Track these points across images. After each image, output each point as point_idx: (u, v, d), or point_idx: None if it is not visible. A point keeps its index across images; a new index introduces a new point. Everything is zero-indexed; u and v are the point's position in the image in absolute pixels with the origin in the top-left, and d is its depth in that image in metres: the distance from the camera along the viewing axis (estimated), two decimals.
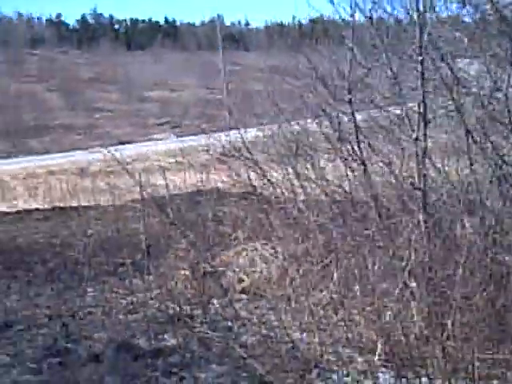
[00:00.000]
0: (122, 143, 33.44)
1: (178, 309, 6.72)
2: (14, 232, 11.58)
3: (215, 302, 6.83)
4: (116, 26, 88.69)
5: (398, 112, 6.72)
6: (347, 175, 7.26)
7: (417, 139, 5.97)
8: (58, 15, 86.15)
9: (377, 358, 5.07)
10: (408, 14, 6.52)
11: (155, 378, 5.34)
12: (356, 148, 6.81)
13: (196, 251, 7.61)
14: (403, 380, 4.70)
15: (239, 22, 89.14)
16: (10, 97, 49.28)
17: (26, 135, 40.20)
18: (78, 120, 45.88)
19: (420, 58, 5.89)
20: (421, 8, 6.05)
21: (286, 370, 4.96)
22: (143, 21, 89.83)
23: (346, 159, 7.15)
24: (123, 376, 5.40)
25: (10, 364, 5.83)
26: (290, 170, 8.38)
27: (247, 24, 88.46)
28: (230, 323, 6.36)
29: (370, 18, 6.59)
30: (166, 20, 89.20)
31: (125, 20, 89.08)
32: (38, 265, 9.16)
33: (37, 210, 14.24)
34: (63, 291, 7.98)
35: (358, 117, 7.13)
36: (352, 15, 6.94)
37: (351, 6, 6.75)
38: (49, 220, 12.51)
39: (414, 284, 5.13)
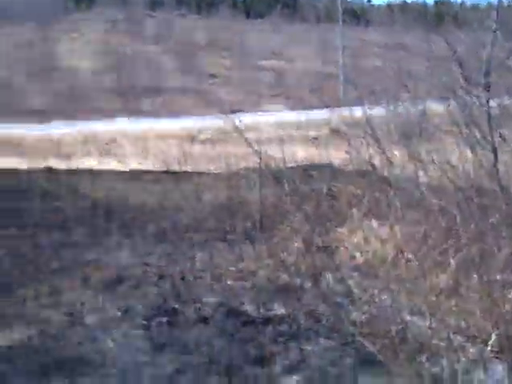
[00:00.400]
0: (234, 111, 33.85)
1: (288, 279, 6.91)
2: (126, 191, 12.01)
3: (328, 276, 6.94)
4: None
5: None
6: (473, 161, 7.24)
7: None
8: None
9: (489, 348, 5.09)
10: None
11: (263, 345, 5.52)
12: (487, 135, 6.76)
13: (310, 225, 7.77)
14: None
15: None
16: (127, 57, 50.54)
17: (139, 96, 41.19)
18: (191, 84, 46.58)
19: None
20: None
21: (396, 351, 5.05)
22: None
23: (473, 145, 7.13)
24: (231, 340, 5.61)
25: (121, 319, 6.13)
26: (412, 151, 8.39)
27: (369, 0, 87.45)
28: (340, 299, 6.49)
29: None
30: None
31: None
32: (149, 225, 9.51)
33: (149, 171, 14.70)
34: (173, 253, 8.27)
35: (492, 102, 7.08)
36: None
37: None
38: (160, 183, 12.87)
39: None
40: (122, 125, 26.73)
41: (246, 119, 28.23)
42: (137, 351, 5.43)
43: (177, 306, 6.43)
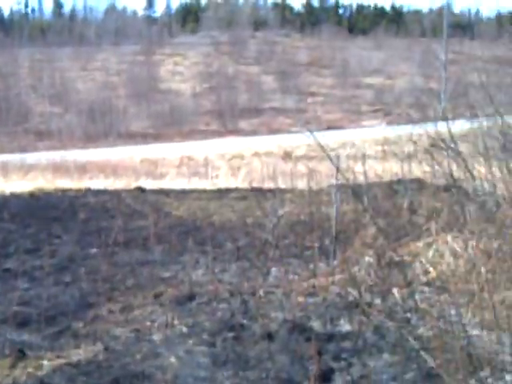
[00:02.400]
0: (331, 128, 34.00)
1: (357, 295, 6.85)
2: (210, 209, 12.18)
3: (396, 291, 6.85)
4: (340, 11, 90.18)
5: None
6: None
7: None
8: None
9: None
10: None
11: (325, 362, 5.50)
12: None
13: (384, 239, 7.69)
14: None
15: (469, 10, 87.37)
16: (227, 77, 51.42)
17: (238, 116, 41.77)
18: (290, 104, 46.93)
19: None
20: None
21: (458, 366, 4.95)
22: (368, 6, 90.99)
23: None
24: (294, 356, 5.60)
25: (187, 335, 6.19)
26: (495, 164, 8.26)
27: (477, 12, 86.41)
28: (408, 314, 6.40)
29: None
30: (393, 6, 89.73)
31: (350, 5, 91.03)
32: (228, 242, 9.61)
33: (235, 189, 14.83)
34: (248, 269, 8.32)
35: None
36: None
37: None
38: (245, 200, 12.98)
39: None
40: (218, 145, 27.16)
41: (341, 136, 28.34)
42: (198, 367, 5.50)
43: (244, 321, 6.47)
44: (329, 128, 33.21)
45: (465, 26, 74.21)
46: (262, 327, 6.23)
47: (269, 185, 13.74)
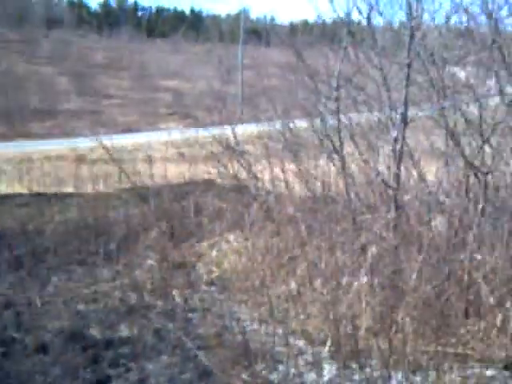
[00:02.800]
0: (129, 131, 33.84)
1: (138, 299, 6.79)
2: None
3: (175, 292, 6.87)
4: (139, 13, 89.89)
5: (383, 112, 6.94)
6: (330, 171, 7.45)
7: (395, 140, 6.19)
8: None
9: (326, 349, 5.23)
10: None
11: (101, 369, 5.39)
12: (337, 145, 6.98)
13: (168, 241, 7.72)
14: (347, 371, 4.89)
15: (265, 17, 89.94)
16: (17, 77, 49.50)
17: (29, 119, 40.38)
18: (86, 106, 46.09)
19: (407, 60, 6.31)
20: (413, 12, 6.42)
21: (234, 362, 5.03)
22: (168, 10, 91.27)
23: (328, 155, 7.33)
24: (68, 367, 5.43)
25: None
26: (276, 164, 8.56)
27: (273, 19, 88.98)
28: (190, 314, 6.44)
29: (368, 18, 6.81)
30: (192, 10, 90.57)
31: (149, 7, 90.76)
32: (5, 251, 9.04)
33: (20, 195, 14.20)
34: (26, 279, 7.93)
35: (352, 116, 7.35)
36: (348, 14, 7.12)
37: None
38: (29, 206, 12.42)
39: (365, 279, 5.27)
40: (6, 149, 26.07)
41: (137, 139, 28.18)
42: None
43: (17, 335, 6.18)
44: (125, 131, 32.99)
45: (261, 33, 76.31)
46: (36, 339, 5.99)
47: (57, 189, 13.31)
